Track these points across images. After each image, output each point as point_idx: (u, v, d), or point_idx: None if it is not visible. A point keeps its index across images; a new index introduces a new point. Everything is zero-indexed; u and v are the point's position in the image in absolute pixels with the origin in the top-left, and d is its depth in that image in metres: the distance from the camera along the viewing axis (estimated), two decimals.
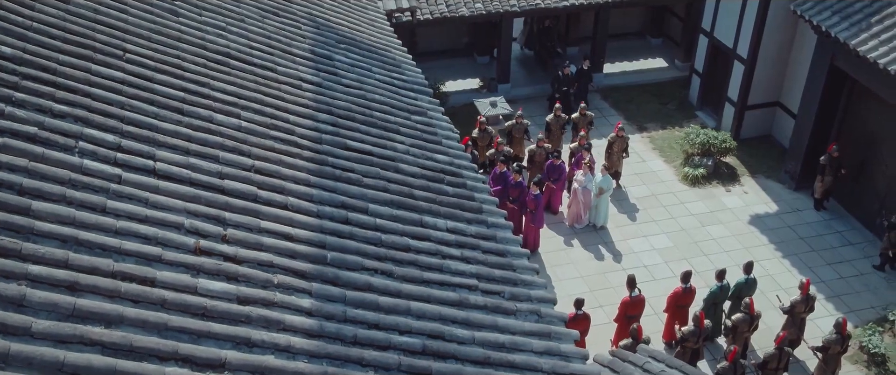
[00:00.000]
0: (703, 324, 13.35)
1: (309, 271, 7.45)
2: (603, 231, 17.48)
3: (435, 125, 11.69)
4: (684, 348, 13.62)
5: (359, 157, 9.76)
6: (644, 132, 20.88)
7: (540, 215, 16.43)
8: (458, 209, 9.81)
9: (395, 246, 8.53)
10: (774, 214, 18.15)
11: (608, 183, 17.13)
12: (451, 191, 10.10)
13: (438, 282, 8.33)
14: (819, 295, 15.93)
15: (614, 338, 14.11)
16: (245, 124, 9.10)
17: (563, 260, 16.75)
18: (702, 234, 17.47)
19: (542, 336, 8.31)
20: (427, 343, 7.37)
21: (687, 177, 18.96)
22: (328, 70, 11.48)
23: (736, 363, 12.77)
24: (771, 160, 19.67)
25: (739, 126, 20.12)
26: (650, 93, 22.33)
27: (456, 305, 8.11)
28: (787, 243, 17.28)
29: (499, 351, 7.77)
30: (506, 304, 8.48)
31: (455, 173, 10.59)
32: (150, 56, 9.23)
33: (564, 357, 8.16)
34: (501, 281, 8.87)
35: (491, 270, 8.94)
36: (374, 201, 9.11)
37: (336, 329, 6.95)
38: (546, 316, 8.62)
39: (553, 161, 17.44)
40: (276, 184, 8.42)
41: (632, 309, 13.99)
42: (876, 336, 14.56)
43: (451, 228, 9.35)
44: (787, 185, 18.91)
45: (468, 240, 9.31)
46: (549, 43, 22.98)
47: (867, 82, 16.36)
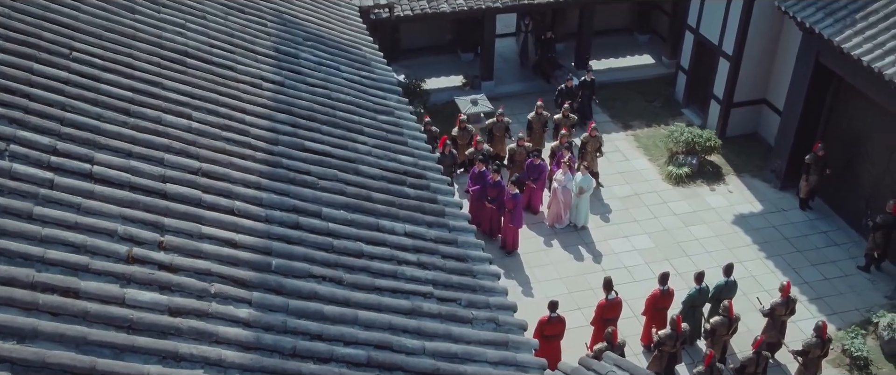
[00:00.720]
0: (680, 328, 13.06)
1: (250, 279, 7.16)
2: (583, 231, 17.19)
3: (402, 125, 11.38)
4: (661, 352, 13.33)
5: (317, 159, 9.46)
6: (629, 130, 20.58)
7: (518, 215, 16.14)
8: (418, 212, 9.53)
9: (348, 251, 8.24)
10: (759, 214, 17.85)
11: (588, 182, 16.83)
12: (412, 194, 9.81)
13: (391, 290, 8.04)
14: (802, 297, 15.64)
15: (591, 342, 13.82)
16: (196, 125, 8.80)
17: (542, 260, 16.46)
18: (684, 234, 17.17)
19: (498, 345, 8.02)
20: (373, 354, 7.09)
21: (671, 176, 18.66)
22: (292, 68, 11.18)
23: (712, 367, 12.49)
24: (757, 158, 19.37)
25: (725, 124, 19.82)
26: (636, 90, 22.02)
27: (408, 314, 7.83)
28: (772, 243, 16.99)
29: (450, 362, 7.49)
30: (462, 312, 8.19)
31: (419, 175, 10.29)
32: (99, 54, 8.92)
33: (521, 367, 7.87)
34: (459, 288, 8.58)
35: (449, 276, 8.65)
36: (329, 204, 8.83)
37: (274, 341, 6.66)
38: (504, 325, 8.33)
39: (533, 160, 17.15)
40: (224, 187, 8.12)
41: (608, 312, 13.71)
42: (858, 339, 14.27)
43: (409, 232, 9.06)
44: (772, 184, 18.61)
45: (427, 245, 9.02)
46: (550, 55, 22.30)
47: (852, 80, 16.05)
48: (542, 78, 22.15)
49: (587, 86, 20.24)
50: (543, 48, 22.28)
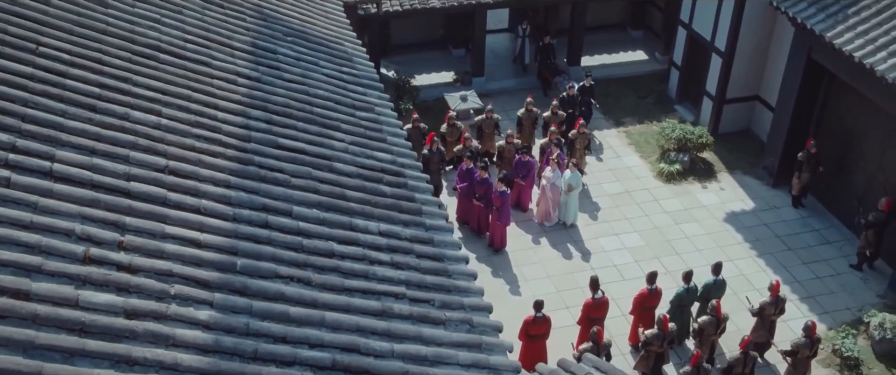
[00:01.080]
0: (667, 327, 12.88)
1: (213, 280, 6.97)
2: (573, 229, 17.00)
3: (382, 121, 11.20)
4: (649, 352, 13.15)
5: (290, 156, 9.28)
6: (621, 126, 20.38)
7: (506, 212, 15.95)
8: (394, 210, 9.34)
9: (318, 251, 8.06)
10: (751, 212, 17.65)
11: (577, 179, 16.63)
12: (389, 192, 9.62)
13: (361, 290, 7.86)
14: (793, 296, 15.45)
15: (577, 341, 13.63)
16: (165, 122, 8.62)
17: (530, 259, 16.27)
18: (675, 233, 16.98)
19: (471, 347, 7.84)
20: (339, 357, 6.90)
21: (662, 173, 18.46)
22: (270, 64, 10.99)
23: (699, 367, 12.31)
24: (750, 155, 19.16)
25: (718, 120, 19.62)
26: (629, 86, 21.81)
27: (378, 315, 7.65)
28: (763, 241, 16.80)
29: (420, 365, 7.31)
30: (434, 313, 8.01)
31: (397, 172, 10.10)
32: (67, 50, 8.74)
33: (494, 369, 7.69)
34: (433, 289, 8.40)
35: (423, 276, 8.47)
36: (301, 203, 8.64)
37: (234, 344, 6.47)
38: (479, 326, 8.15)
39: (521, 157, 16.95)
40: (191, 185, 7.94)
41: (595, 312, 13.52)
42: (849, 338, 14.08)
43: (383, 231, 8.88)
44: (764, 182, 18.41)
45: (401, 244, 8.83)
46: (549, 61, 21.54)
47: (845, 76, 15.85)
48: (542, 85, 21.31)
49: (586, 91, 19.46)
50: (543, 54, 21.53)
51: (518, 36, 22.16)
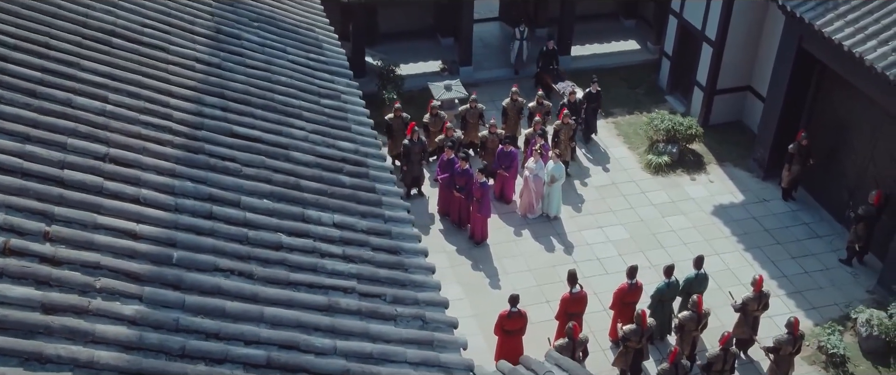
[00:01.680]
0: (646, 323, 12.53)
1: (145, 273, 6.65)
2: (556, 221, 16.64)
3: (348, 109, 10.87)
4: (627, 348, 12.81)
5: (244, 144, 8.95)
6: (610, 117, 19.98)
7: (486, 204, 15.60)
8: (352, 201, 9.01)
9: (264, 243, 7.73)
10: (740, 205, 17.27)
11: (560, 170, 16.27)
12: (347, 182, 9.29)
13: (308, 284, 7.53)
14: (780, 291, 15.10)
15: (555, 336, 13.29)
16: (111, 108, 8.29)
17: (512, 251, 15.93)
18: (661, 226, 16.61)
19: (422, 344, 7.51)
20: (275, 354, 6.57)
21: (650, 164, 18.09)
22: (232, 50, 10.65)
23: (677, 363, 11.97)
24: (740, 147, 18.77)
25: (708, 111, 19.23)
26: (620, 76, 21.41)
27: (323, 310, 7.32)
28: (751, 235, 16.42)
29: (364, 362, 6.98)
30: (385, 309, 7.68)
31: (358, 162, 9.77)
32: (12, 33, 8.41)
33: (445, 368, 7.36)
34: (386, 283, 8.07)
35: (376, 270, 8.14)
36: (251, 193, 8.31)
37: (160, 341, 6.15)
38: (432, 322, 7.82)
39: (504, 147, 16.58)
40: (132, 174, 7.60)
41: (573, 306, 13.18)
42: (835, 335, 13.71)
43: (338, 223, 8.55)
44: (754, 174, 18.02)
45: (356, 236, 8.50)
46: (552, 67, 20.47)
47: (836, 66, 15.44)
48: (543, 90, 19.24)
49: (592, 98, 18.44)
50: (545, 59, 20.38)
51: (516, 39, 21.01)
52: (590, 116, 18.65)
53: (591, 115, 18.67)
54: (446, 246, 15.97)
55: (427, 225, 16.46)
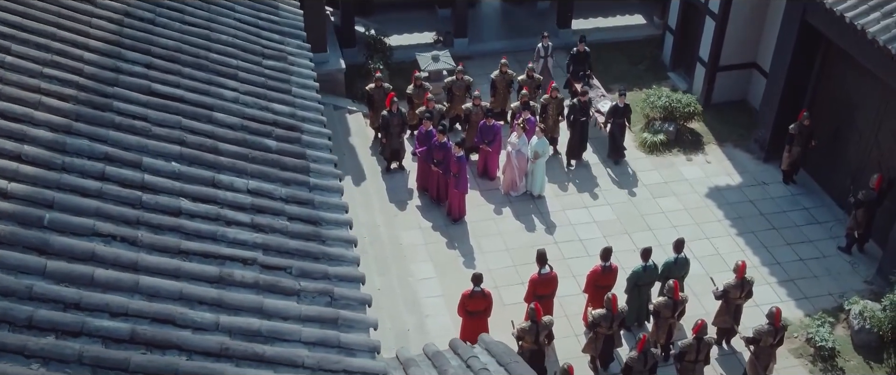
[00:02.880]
0: (616, 308, 11.77)
1: (5, 235, 6.04)
2: (540, 200, 15.88)
3: (292, 72, 10.19)
4: (597, 333, 12.07)
5: (161, 104, 8.32)
6: (607, 93, 19.07)
7: (463, 180, 14.87)
8: (275, 167, 8.36)
9: (160, 208, 7.11)
10: (736, 187, 16.36)
11: (544, 146, 15.47)
12: (274, 147, 8.63)
13: (202, 254, 6.90)
14: (771, 279, 14.23)
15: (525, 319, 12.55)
16: (11, 60, 7.69)
17: (490, 230, 15.20)
18: (650, 207, 15.78)
19: (324, 322, 6.86)
20: (142, 328, 5.96)
21: (645, 143, 17.21)
22: (171, 5, 10.00)
23: (646, 352, 11.21)
24: (742, 127, 17.81)
25: (710, 89, 18.27)
26: (622, 51, 20.49)
27: (213, 282, 6.69)
28: (746, 219, 15.53)
29: (249, 340, 6.35)
30: (286, 282, 7.02)
31: (292, 126, 9.10)
32: None
33: (345, 349, 6.70)
34: (296, 255, 7.41)
35: (286, 241, 7.48)
36: (158, 154, 7.69)
37: (4, 310, 5.55)
38: (340, 299, 7.16)
39: (487, 120, 15.81)
40: (17, 129, 7.01)
41: (541, 288, 12.45)
42: (825, 327, 12.84)
43: (253, 189, 7.90)
44: (755, 156, 17.08)
45: (271, 204, 7.85)
46: (583, 73, 18.15)
47: (839, 40, 14.45)
48: (571, 97, 17.45)
49: (618, 112, 16.44)
50: (576, 63, 18.08)
51: (540, 56, 18.27)
52: (617, 132, 16.58)
53: (619, 132, 16.57)
54: (422, 223, 15.29)
55: (404, 201, 15.78)
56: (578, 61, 18.10)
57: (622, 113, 16.49)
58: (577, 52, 17.98)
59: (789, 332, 13.21)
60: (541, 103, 16.54)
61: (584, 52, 17.97)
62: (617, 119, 16.57)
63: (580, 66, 18.07)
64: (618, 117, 16.56)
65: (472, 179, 16.40)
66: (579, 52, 17.96)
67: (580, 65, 18.08)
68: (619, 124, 16.62)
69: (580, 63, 18.09)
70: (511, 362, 7.27)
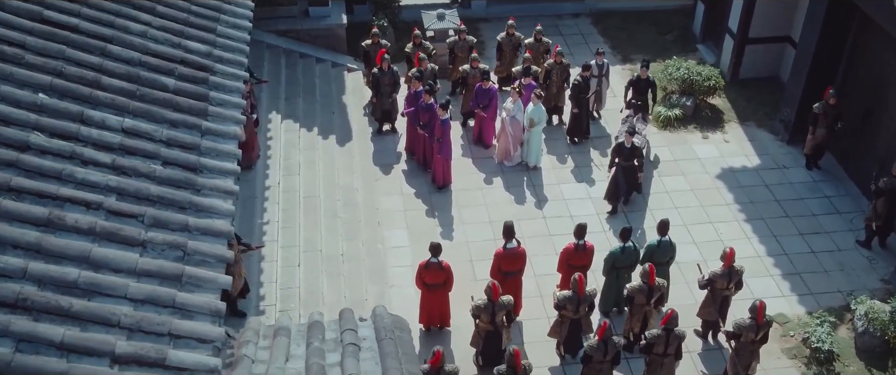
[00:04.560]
0: (583, 290, 10.71)
1: None
2: (535, 172, 14.80)
3: (225, 10, 9.40)
4: (562, 317, 11.04)
5: (47, 32, 7.65)
6: (627, 64, 17.82)
7: (447, 144, 13.89)
8: (166, 107, 7.59)
9: (2, 140, 6.38)
10: (752, 169, 14.98)
11: (539, 114, 14.36)
12: (172, 86, 7.86)
13: (35, 193, 6.18)
14: (776, 271, 12.93)
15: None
16: None
17: (476, 200, 14.22)
18: (654, 185, 14.56)
19: (164, 278, 6.07)
20: None
21: (658, 117, 15.93)
22: None
23: (607, 341, 10.14)
24: (769, 106, 16.34)
25: (738, 62, 16.82)
26: (649, 21, 19.14)
27: (36, 224, 5.94)
28: (758, 205, 14.19)
29: (59, 292, 5.59)
30: (130, 231, 6.26)
31: (202, 66, 8.33)
32: None
33: (181, 310, 5.91)
34: (156, 202, 6.64)
35: (148, 186, 6.72)
36: (25, 84, 7.00)
37: None
38: (194, 255, 6.36)
39: (483, 83, 14.77)
40: None
41: (507, 264, 11.46)
42: (824, 327, 11.53)
43: (128, 128, 7.14)
44: (779, 137, 15.64)
45: (146, 146, 7.10)
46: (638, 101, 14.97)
47: (876, 14, 12.93)
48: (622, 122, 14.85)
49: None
50: (636, 91, 14.98)
51: (593, 75, 15.34)
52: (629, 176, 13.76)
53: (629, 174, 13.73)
54: (404, 188, 14.40)
55: (390, 165, 14.91)
56: (638, 90, 14.95)
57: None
58: (638, 78, 14.96)
59: (786, 330, 11.97)
60: (544, 68, 15.41)
61: (648, 79, 14.92)
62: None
63: (640, 96, 14.99)
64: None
65: (466, 146, 15.45)
66: (640, 78, 14.89)
67: (640, 94, 15.03)
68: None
69: (641, 92, 14.98)
70: (387, 338, 6.36)
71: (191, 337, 5.71)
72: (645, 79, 14.86)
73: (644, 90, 14.94)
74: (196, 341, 5.70)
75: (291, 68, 16.50)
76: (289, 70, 16.41)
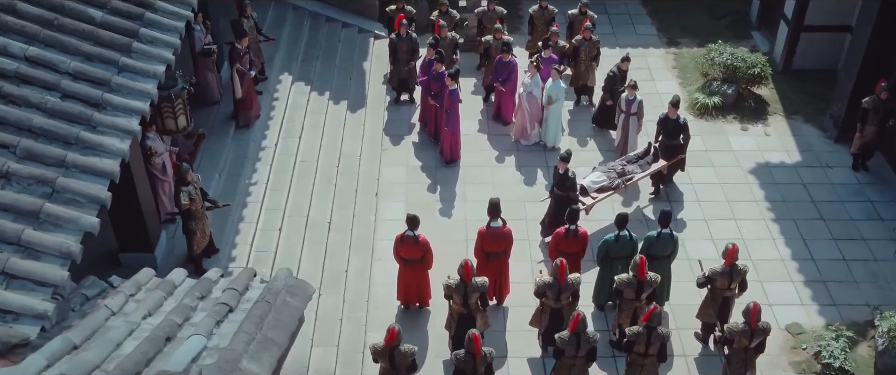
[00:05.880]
0: (564, 278, 9.85)
1: None
2: (553, 152, 13.89)
3: None
4: (543, 305, 10.21)
5: None
6: (672, 47, 16.69)
7: (454, 117, 13.15)
8: (87, 40, 7.15)
9: None
10: (791, 166, 13.73)
11: (558, 90, 13.44)
12: (98, 18, 7.42)
13: None
14: (798, 277, 11.75)
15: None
16: None
17: (483, 178, 13.43)
18: (678, 176, 13.46)
19: (19, 215, 5.60)
20: None
21: (695, 104, 14.79)
22: None
23: (579, 334, 9.27)
24: (820, 100, 14.98)
25: (791, 51, 15.49)
26: (704, 3, 17.89)
27: None
28: (791, 204, 12.96)
29: None
30: None
31: (143, 3, 7.81)
32: None
33: (25, 248, 5.43)
34: (37, 134, 6.18)
35: (31, 116, 6.24)
36: None
37: None
38: (64, 192, 5.86)
39: (502, 56, 13.94)
40: None
41: (490, 244, 10.68)
42: (840, 342, 10.35)
43: (32, 57, 6.75)
44: (827, 134, 14.31)
45: (46, 76, 6.68)
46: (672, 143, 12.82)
47: None
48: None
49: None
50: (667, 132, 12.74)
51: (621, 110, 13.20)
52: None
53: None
54: (410, 161, 13.73)
55: (401, 136, 14.26)
56: (668, 131, 12.69)
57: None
58: (667, 117, 12.73)
59: (798, 342, 10.83)
60: (573, 44, 14.45)
61: (677, 120, 12.57)
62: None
63: (670, 138, 12.73)
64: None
65: (484, 121, 14.68)
66: (669, 118, 12.65)
67: (670, 135, 12.71)
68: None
69: (669, 135, 12.72)
70: (263, 301, 5.71)
71: (29, 279, 5.20)
72: (674, 119, 12.45)
73: (674, 133, 12.54)
74: (34, 283, 5.18)
75: (314, 31, 16.00)
76: (311, 32, 15.92)
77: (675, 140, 12.52)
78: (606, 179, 12.20)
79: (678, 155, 12.60)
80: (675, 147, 12.54)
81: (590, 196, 12.10)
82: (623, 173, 12.24)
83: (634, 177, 12.34)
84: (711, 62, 14.89)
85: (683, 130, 12.60)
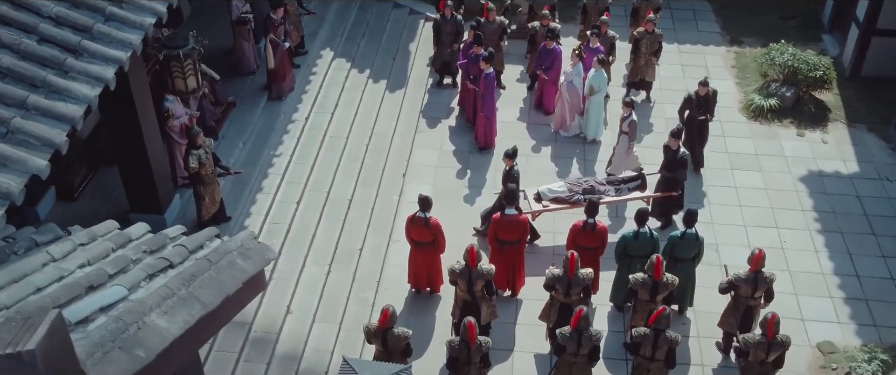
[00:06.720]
0: (573, 270, 9.38)
1: None
2: (593, 146, 13.38)
3: None
4: (553, 299, 9.76)
5: None
6: (734, 46, 15.90)
7: (489, 101, 12.76)
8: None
9: None
10: (846, 177, 12.87)
11: (600, 81, 12.89)
12: None
13: None
14: (838, 293, 10.97)
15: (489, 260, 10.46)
16: None
17: None
18: (722, 178, 12.79)
19: None
20: None
21: (750, 106, 14.03)
22: None
23: (581, 332, 8.80)
24: (889, 110, 14.01)
25: (861, 56, 14.55)
26: (774, 3, 17.00)
27: None
28: (840, 216, 12.14)
29: None
30: None
31: None
32: None
33: None
34: (3, 75, 6.07)
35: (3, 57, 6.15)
36: None
37: None
38: (17, 132, 5.79)
39: (546, 43, 13.48)
40: None
41: (503, 231, 10.27)
42: (874, 364, 9.59)
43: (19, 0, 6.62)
44: (891, 145, 13.38)
45: (26, 19, 6.73)
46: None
47: None
48: None
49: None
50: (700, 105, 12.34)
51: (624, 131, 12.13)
52: None
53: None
54: (444, 144, 13.42)
55: (437, 119, 13.97)
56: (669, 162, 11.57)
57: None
58: (697, 94, 12.34)
59: (828, 361, 10.10)
60: (633, 36, 13.87)
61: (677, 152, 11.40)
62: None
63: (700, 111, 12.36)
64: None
65: (525, 109, 14.25)
66: (699, 95, 12.31)
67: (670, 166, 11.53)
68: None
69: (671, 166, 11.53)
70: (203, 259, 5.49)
71: None
72: (674, 150, 11.32)
73: (672, 165, 11.41)
74: None
75: (363, 10, 15.84)
76: (359, 11, 15.76)
77: (673, 172, 11.54)
78: (567, 192, 11.51)
79: (672, 190, 11.58)
80: (673, 181, 11.60)
81: (541, 203, 11.48)
82: (592, 191, 11.48)
83: (604, 198, 11.49)
84: (771, 62, 14.10)
85: (682, 165, 11.41)
